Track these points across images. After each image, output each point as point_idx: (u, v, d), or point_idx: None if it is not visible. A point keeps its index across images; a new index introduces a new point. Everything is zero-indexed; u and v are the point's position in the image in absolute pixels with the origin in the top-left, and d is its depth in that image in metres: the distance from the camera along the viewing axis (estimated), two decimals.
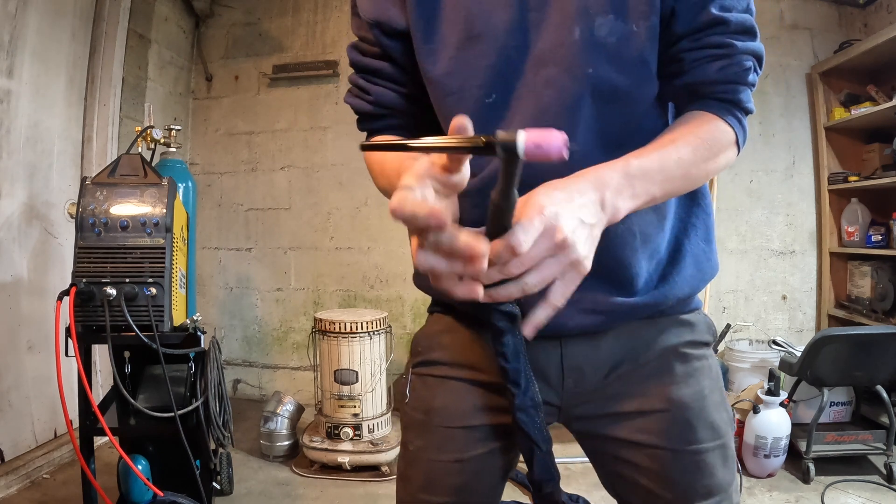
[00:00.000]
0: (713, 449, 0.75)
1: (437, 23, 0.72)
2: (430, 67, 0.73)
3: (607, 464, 0.81)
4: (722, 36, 0.71)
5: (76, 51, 2.55)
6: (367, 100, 0.81)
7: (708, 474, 0.75)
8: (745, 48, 0.71)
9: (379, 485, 2.26)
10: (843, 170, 2.87)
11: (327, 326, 2.37)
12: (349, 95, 0.85)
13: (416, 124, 0.83)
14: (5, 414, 2.18)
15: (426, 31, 0.73)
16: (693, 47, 0.71)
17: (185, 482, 1.73)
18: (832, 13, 2.95)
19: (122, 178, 1.65)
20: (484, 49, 0.70)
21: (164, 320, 1.59)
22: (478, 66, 0.71)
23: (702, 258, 0.79)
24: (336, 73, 3.20)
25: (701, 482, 0.74)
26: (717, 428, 0.76)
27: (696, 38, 0.71)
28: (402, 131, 0.83)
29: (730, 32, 0.71)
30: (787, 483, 2.20)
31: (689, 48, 0.71)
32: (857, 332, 2.13)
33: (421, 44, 0.73)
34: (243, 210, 3.34)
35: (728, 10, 0.70)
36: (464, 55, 0.71)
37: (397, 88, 0.80)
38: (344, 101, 0.86)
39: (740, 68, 0.71)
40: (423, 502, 0.81)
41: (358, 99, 0.83)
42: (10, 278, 2.23)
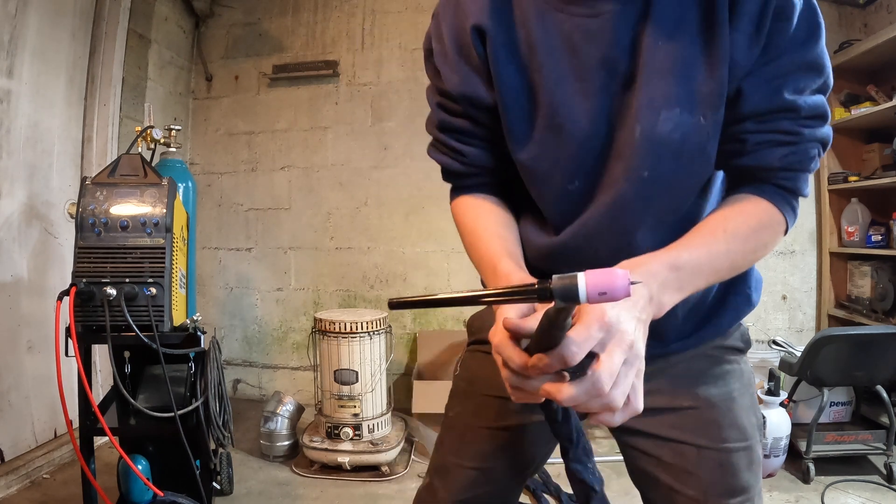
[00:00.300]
0: (739, 450, 0.75)
1: (522, 109, 0.73)
2: (516, 149, 0.75)
3: (634, 458, 0.83)
4: (792, 122, 0.67)
5: (76, 51, 2.54)
6: (460, 160, 0.81)
7: (731, 474, 0.75)
8: (812, 136, 0.68)
9: (379, 485, 2.26)
10: (843, 170, 2.87)
11: (327, 326, 2.37)
12: (435, 151, 0.84)
13: (506, 181, 0.82)
14: (5, 414, 2.17)
15: (511, 115, 0.74)
16: (759, 130, 0.68)
17: (185, 482, 1.73)
18: (832, 13, 2.95)
19: (122, 178, 1.65)
20: (565, 139, 0.71)
21: (164, 320, 1.59)
22: (560, 154, 0.72)
23: (742, 303, 0.81)
24: (336, 73, 3.20)
25: (723, 481, 0.74)
26: (745, 430, 0.77)
27: (764, 120, 0.68)
28: (492, 189, 0.83)
29: (801, 118, 0.67)
30: (787, 483, 2.20)
31: (754, 130, 0.68)
32: (857, 332, 2.13)
33: (507, 127, 0.74)
34: (243, 210, 3.34)
35: (801, 93, 0.67)
36: (547, 142, 0.72)
37: (489, 147, 0.79)
38: (428, 155, 0.85)
39: (805, 157, 0.68)
40: (452, 465, 0.86)
41: (447, 158, 0.82)
42: (10, 278, 2.22)
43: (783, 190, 0.70)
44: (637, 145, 0.66)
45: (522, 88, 0.72)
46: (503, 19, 0.72)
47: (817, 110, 0.68)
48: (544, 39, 0.70)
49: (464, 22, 0.74)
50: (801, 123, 0.67)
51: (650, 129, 0.66)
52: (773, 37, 0.64)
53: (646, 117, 0.66)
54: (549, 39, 0.69)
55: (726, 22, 0.63)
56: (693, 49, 0.65)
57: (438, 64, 0.78)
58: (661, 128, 0.65)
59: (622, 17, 0.66)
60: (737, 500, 0.75)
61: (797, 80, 0.66)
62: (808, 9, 0.65)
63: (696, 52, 0.65)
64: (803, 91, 0.67)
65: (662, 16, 0.64)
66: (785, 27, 0.63)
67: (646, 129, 0.66)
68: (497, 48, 0.72)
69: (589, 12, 0.67)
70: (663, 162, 0.67)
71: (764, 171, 0.69)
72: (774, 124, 0.67)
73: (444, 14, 0.77)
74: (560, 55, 0.69)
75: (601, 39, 0.67)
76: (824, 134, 0.69)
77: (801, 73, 0.66)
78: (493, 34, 0.72)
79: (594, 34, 0.67)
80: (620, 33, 0.66)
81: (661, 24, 0.64)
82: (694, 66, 0.65)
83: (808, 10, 0.65)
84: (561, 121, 0.70)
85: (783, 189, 0.70)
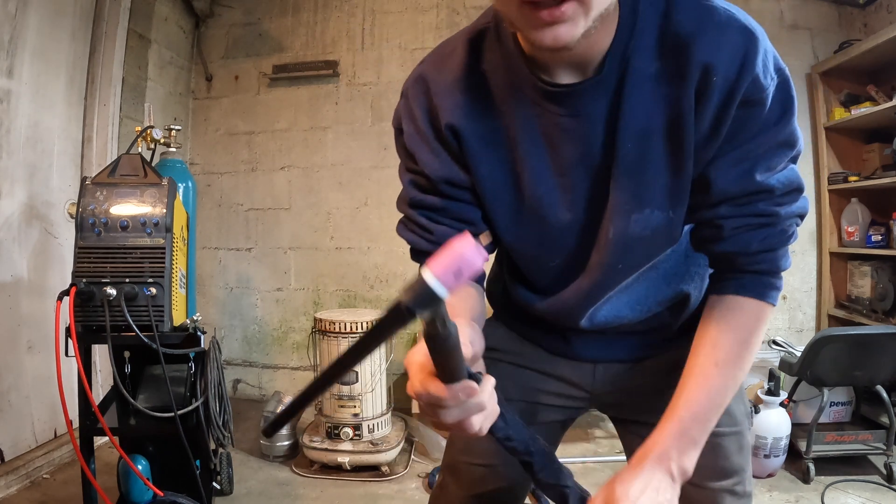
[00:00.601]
0: (729, 434, 0.81)
1: (506, 199, 0.74)
2: (500, 232, 0.77)
3: (633, 445, 0.89)
4: (768, 203, 0.67)
5: (76, 51, 2.54)
6: (427, 238, 0.78)
7: (723, 457, 0.80)
8: (789, 213, 0.68)
9: (379, 485, 2.26)
10: (843, 170, 2.86)
11: (327, 326, 2.37)
12: (404, 229, 0.82)
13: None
14: (5, 414, 2.17)
15: (496, 206, 0.75)
16: (734, 214, 0.68)
17: (185, 482, 1.73)
18: (832, 13, 2.95)
19: (122, 178, 1.65)
20: (548, 228, 0.74)
21: (164, 320, 1.59)
22: (543, 239, 0.75)
23: None
24: (336, 73, 3.20)
25: (716, 463, 0.80)
26: (735, 416, 0.82)
27: (739, 204, 0.68)
28: None
29: (776, 197, 0.67)
30: (787, 483, 2.20)
31: (729, 215, 0.68)
32: (857, 332, 2.12)
33: (490, 215, 0.75)
34: (243, 210, 3.34)
35: (773, 170, 0.66)
36: (530, 229, 0.75)
37: (459, 226, 0.77)
38: (397, 233, 0.83)
39: (783, 235, 0.69)
40: (462, 463, 0.92)
41: (415, 236, 0.80)
42: (10, 278, 2.22)
43: (765, 275, 0.71)
44: (611, 244, 0.71)
45: (506, 179, 0.73)
46: (481, 113, 0.71)
47: (791, 185, 0.68)
48: (525, 134, 0.70)
49: (437, 114, 0.73)
50: (777, 202, 0.67)
51: (622, 230, 0.69)
52: (742, 123, 0.64)
53: (618, 218, 0.69)
54: (530, 134, 0.70)
55: (692, 120, 0.64)
56: (661, 148, 0.66)
57: (413, 146, 0.76)
58: (632, 228, 0.69)
59: (598, 117, 0.67)
60: (729, 482, 0.81)
61: (769, 159, 0.65)
62: (782, 89, 0.64)
63: (664, 151, 0.66)
64: (775, 168, 0.66)
65: (632, 116, 0.65)
66: (756, 112, 0.64)
67: (618, 229, 0.70)
68: (475, 145, 0.72)
69: (568, 112, 0.67)
70: (635, 253, 0.73)
71: (744, 256, 0.70)
72: (750, 207, 0.67)
73: (415, 96, 0.75)
74: (541, 150, 0.70)
75: (580, 138, 0.68)
76: (801, 207, 0.70)
77: (772, 152, 0.65)
78: (468, 133, 0.72)
79: (573, 133, 0.68)
80: (597, 132, 0.67)
81: (631, 125, 0.65)
82: (662, 166, 0.66)
83: (781, 90, 0.64)
84: (544, 213, 0.73)
85: (765, 274, 0.70)
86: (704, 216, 0.70)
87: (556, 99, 0.67)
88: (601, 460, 2.38)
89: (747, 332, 0.70)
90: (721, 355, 0.69)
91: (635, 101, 0.65)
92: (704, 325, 0.72)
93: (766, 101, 0.63)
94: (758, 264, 0.70)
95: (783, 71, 0.65)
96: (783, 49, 2.94)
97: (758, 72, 0.61)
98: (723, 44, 0.61)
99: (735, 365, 0.69)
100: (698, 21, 0.62)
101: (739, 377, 0.70)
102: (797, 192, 0.69)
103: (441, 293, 0.39)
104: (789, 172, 0.68)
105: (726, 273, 0.73)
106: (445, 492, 0.95)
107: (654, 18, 0.63)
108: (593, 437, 2.63)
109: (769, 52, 0.63)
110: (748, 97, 0.62)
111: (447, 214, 0.77)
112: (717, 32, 0.61)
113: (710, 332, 0.71)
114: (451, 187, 0.75)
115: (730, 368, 0.69)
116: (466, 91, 0.71)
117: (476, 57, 0.71)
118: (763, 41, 0.62)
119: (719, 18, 0.62)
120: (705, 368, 0.69)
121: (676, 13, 0.63)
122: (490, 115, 0.71)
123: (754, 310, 0.71)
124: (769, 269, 0.71)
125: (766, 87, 0.62)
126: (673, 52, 0.63)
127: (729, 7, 0.63)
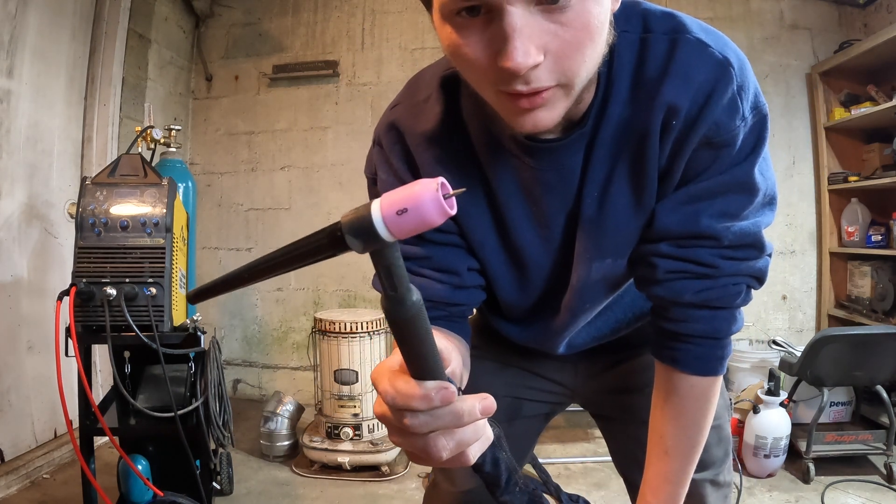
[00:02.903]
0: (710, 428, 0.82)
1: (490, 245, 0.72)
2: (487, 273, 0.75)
3: (616, 440, 0.93)
4: (711, 253, 0.62)
5: (76, 51, 2.54)
6: None
7: (703, 449, 0.81)
8: (735, 270, 0.63)
9: (379, 485, 2.26)
10: (843, 170, 2.87)
11: (327, 326, 2.37)
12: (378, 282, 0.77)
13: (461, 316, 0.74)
14: (5, 414, 2.17)
15: (480, 250, 0.73)
16: (671, 255, 0.63)
17: (185, 482, 1.73)
18: (832, 13, 2.95)
19: (122, 178, 1.65)
20: (529, 275, 0.74)
21: (164, 320, 1.59)
22: (523, 283, 0.75)
23: None
24: (336, 73, 3.20)
25: None
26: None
27: (679, 245, 0.63)
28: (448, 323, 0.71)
29: (722, 248, 0.62)
30: (787, 483, 2.20)
31: (666, 254, 0.63)
32: (857, 332, 2.12)
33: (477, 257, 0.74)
34: (243, 210, 3.34)
35: (727, 216, 0.60)
36: (513, 271, 0.74)
37: (447, 278, 0.71)
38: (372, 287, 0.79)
39: (726, 294, 0.64)
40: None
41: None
42: (10, 278, 2.22)
43: (704, 342, 0.66)
44: (576, 288, 0.72)
45: (490, 226, 0.70)
46: (461, 163, 0.68)
47: (745, 238, 0.62)
48: (505, 185, 0.67)
49: (417, 164, 0.69)
50: (722, 254, 0.62)
51: (585, 277, 0.70)
52: (707, 163, 0.60)
53: (581, 266, 0.69)
54: (509, 186, 0.67)
55: (655, 165, 0.61)
56: (624, 196, 0.63)
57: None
58: (593, 276, 0.69)
59: (576, 169, 0.64)
60: (709, 473, 0.85)
61: (723, 203, 0.60)
62: (755, 130, 0.59)
63: (628, 199, 0.63)
64: (732, 215, 0.61)
65: (599, 165, 0.63)
66: (723, 154, 0.59)
67: (581, 276, 0.70)
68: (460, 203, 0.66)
69: (549, 166, 0.64)
70: (601, 294, 0.74)
71: (677, 308, 0.65)
72: (689, 252, 0.62)
73: (390, 145, 0.70)
74: (522, 202, 0.68)
75: (560, 191, 0.66)
76: (755, 268, 0.64)
77: (729, 196, 0.60)
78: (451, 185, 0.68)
79: (554, 186, 0.65)
80: (574, 183, 0.65)
81: (597, 174, 0.63)
82: (625, 215, 0.64)
83: (754, 131, 0.59)
84: (526, 261, 0.72)
85: (704, 339, 0.66)
86: (643, 250, 0.66)
87: (535, 154, 0.63)
88: (601, 460, 2.38)
89: (691, 416, 0.68)
90: (669, 443, 0.70)
91: (603, 151, 0.62)
92: (652, 409, 0.73)
93: (735, 141, 0.58)
94: (693, 324, 0.65)
95: (761, 109, 0.59)
96: (783, 49, 2.95)
97: (721, 111, 0.57)
98: (690, 82, 0.57)
99: (687, 447, 0.70)
100: (667, 60, 0.57)
101: (697, 450, 0.71)
102: (753, 249, 0.63)
103: (379, 226, 0.35)
104: (749, 225, 0.62)
105: (662, 337, 0.69)
106: (438, 490, 0.96)
107: (630, 64, 0.59)
108: (593, 437, 2.63)
109: (747, 88, 0.58)
110: (711, 138, 0.58)
111: (430, 264, 0.71)
112: (686, 69, 0.57)
113: (657, 421, 0.71)
114: (438, 233, 0.70)
115: (681, 452, 0.70)
116: (445, 143, 0.67)
117: (453, 104, 0.67)
118: (739, 76, 0.57)
119: (689, 54, 0.57)
120: (659, 457, 0.71)
121: (649, 55, 0.58)
122: (470, 164, 0.68)
123: (696, 387, 0.67)
124: (706, 333, 0.65)
125: (732, 129, 0.58)
126: (644, 96, 0.59)
127: (706, 38, 0.58)
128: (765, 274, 0.65)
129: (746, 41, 2.97)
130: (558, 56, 0.48)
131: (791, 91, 2.98)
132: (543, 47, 0.47)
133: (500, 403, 0.94)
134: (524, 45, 0.46)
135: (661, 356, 0.71)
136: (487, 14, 0.47)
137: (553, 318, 0.78)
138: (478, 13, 0.47)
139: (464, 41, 0.49)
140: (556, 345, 0.83)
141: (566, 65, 0.49)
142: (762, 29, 2.98)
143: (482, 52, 0.49)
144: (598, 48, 0.51)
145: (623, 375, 0.90)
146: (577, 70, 0.50)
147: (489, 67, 0.49)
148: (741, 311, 0.67)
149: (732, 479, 0.89)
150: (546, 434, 2.69)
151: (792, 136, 2.99)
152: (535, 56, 0.47)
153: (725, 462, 0.87)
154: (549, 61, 0.48)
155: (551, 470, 2.23)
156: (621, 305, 0.83)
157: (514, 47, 0.46)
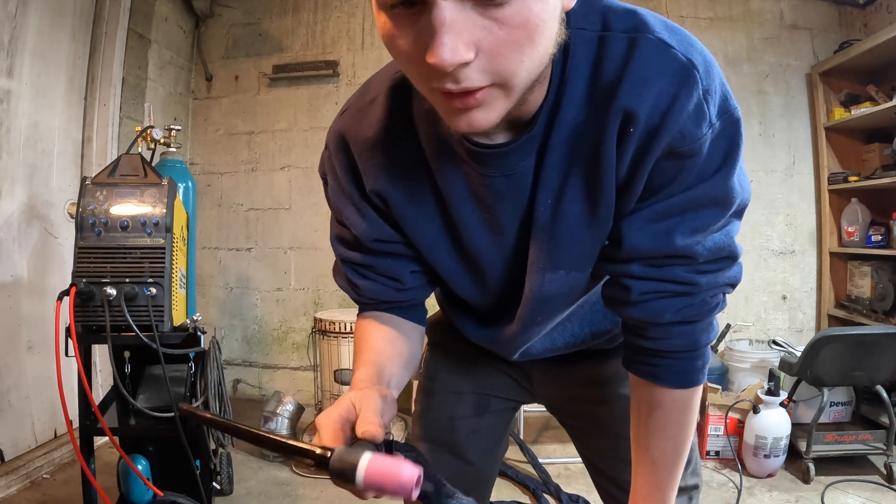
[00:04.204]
0: None
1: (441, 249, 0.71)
2: (438, 271, 0.74)
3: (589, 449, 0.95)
4: (687, 271, 0.59)
5: (76, 51, 2.54)
6: (356, 291, 0.76)
7: None
8: (713, 283, 0.61)
9: None
10: (843, 170, 2.87)
11: (327, 326, 2.37)
12: (337, 276, 0.79)
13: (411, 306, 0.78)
14: (5, 414, 2.17)
15: (430, 254, 0.71)
16: (646, 276, 0.60)
17: (185, 482, 1.73)
18: (832, 13, 2.95)
19: (122, 178, 1.65)
20: (486, 279, 0.73)
21: (164, 320, 1.59)
22: (481, 286, 0.74)
23: None
24: (336, 73, 3.20)
25: None
26: None
27: (653, 265, 0.60)
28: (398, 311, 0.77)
29: (699, 264, 0.59)
30: (787, 483, 2.20)
31: (640, 276, 0.60)
32: (857, 332, 2.13)
33: (427, 260, 0.73)
34: (243, 210, 3.34)
35: (701, 231, 0.57)
36: (470, 276, 0.73)
37: (389, 283, 0.73)
38: (333, 279, 0.81)
39: (705, 307, 0.62)
40: (423, 449, 0.94)
41: (346, 286, 0.77)
42: (10, 278, 2.22)
43: (684, 356, 0.65)
44: (528, 299, 0.70)
45: (441, 232, 0.68)
46: (408, 170, 0.65)
47: (720, 252, 0.59)
48: (455, 191, 0.65)
49: (360, 176, 0.67)
50: (700, 270, 0.59)
51: (537, 289, 0.68)
52: (672, 175, 0.56)
53: (534, 276, 0.67)
54: (460, 192, 0.65)
55: (612, 174, 0.57)
56: (578, 206, 0.60)
57: (338, 203, 0.71)
58: (546, 288, 0.67)
59: (527, 174, 0.61)
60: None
61: (696, 218, 0.57)
62: (726, 136, 0.55)
63: (582, 208, 0.60)
64: (704, 229, 0.58)
65: (551, 172, 0.59)
66: (688, 164, 0.55)
67: (533, 288, 0.68)
68: (403, 206, 0.67)
69: (499, 172, 0.61)
70: (552, 307, 0.72)
71: (656, 328, 0.64)
72: (665, 272, 0.59)
73: (336, 153, 0.69)
74: (473, 209, 0.65)
75: (512, 197, 0.63)
76: (730, 276, 0.62)
77: (702, 210, 0.57)
78: (395, 197, 0.67)
79: (505, 193, 0.62)
80: (524, 191, 0.62)
81: (549, 182, 0.60)
82: (579, 225, 0.61)
83: (724, 137, 0.55)
84: (483, 266, 0.70)
85: (684, 354, 0.64)
86: (615, 271, 0.63)
87: (483, 160, 0.60)
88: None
89: (676, 426, 0.68)
90: (656, 454, 0.69)
91: (556, 157, 0.58)
92: (633, 422, 0.71)
93: (701, 151, 0.54)
94: (673, 340, 0.63)
95: (731, 114, 0.55)
96: (783, 49, 2.95)
97: (686, 119, 0.53)
98: (649, 86, 0.52)
99: (674, 455, 0.69)
100: (625, 62, 0.53)
101: (683, 456, 0.70)
102: (728, 261, 0.61)
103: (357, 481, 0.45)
104: (722, 237, 0.59)
105: (639, 354, 0.67)
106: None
107: (586, 64, 0.55)
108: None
109: (713, 91, 0.53)
110: (676, 148, 0.54)
111: (374, 271, 0.72)
112: (645, 73, 0.52)
113: (641, 435, 0.70)
114: (380, 244, 0.70)
115: (668, 459, 0.69)
116: (389, 150, 0.65)
117: (403, 106, 0.64)
118: (704, 80, 0.53)
119: (650, 56, 0.52)
120: (647, 468, 0.70)
121: (606, 55, 0.54)
122: (419, 169, 0.65)
123: (680, 400, 0.66)
124: (686, 347, 0.64)
125: (699, 137, 0.53)
126: (600, 100, 0.55)
127: (668, 38, 0.53)
128: (739, 279, 0.63)
129: (746, 41, 2.97)
130: (492, 54, 0.45)
131: (791, 91, 2.98)
132: (475, 44, 0.44)
133: (469, 400, 0.95)
134: (452, 42, 0.43)
135: (640, 372, 0.68)
136: (421, 5, 0.44)
137: (507, 326, 0.76)
138: (412, 4, 0.44)
139: (397, 32, 0.46)
140: (510, 352, 0.82)
141: (501, 64, 0.46)
142: (762, 29, 2.98)
143: (412, 45, 0.46)
144: (539, 47, 0.47)
145: (582, 385, 0.90)
146: (513, 70, 0.46)
147: (420, 63, 0.45)
148: (717, 318, 0.66)
149: (699, 481, 0.87)
150: (546, 434, 2.69)
151: (792, 136, 2.99)
152: (463, 53, 0.43)
153: (688, 467, 0.83)
154: (481, 60, 0.45)
155: (551, 470, 2.23)
156: (577, 320, 0.81)
157: (441, 43, 0.43)
